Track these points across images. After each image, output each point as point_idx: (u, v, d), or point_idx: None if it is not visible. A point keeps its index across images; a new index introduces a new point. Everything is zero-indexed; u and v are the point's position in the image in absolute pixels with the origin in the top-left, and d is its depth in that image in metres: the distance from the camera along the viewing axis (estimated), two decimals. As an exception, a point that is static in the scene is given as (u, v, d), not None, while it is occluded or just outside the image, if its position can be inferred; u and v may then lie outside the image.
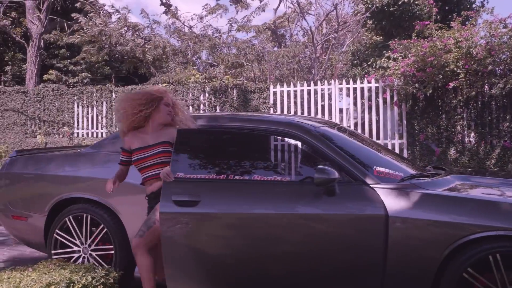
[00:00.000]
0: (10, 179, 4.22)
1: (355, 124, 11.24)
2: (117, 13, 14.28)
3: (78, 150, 4.21)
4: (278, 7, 17.41)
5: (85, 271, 2.80)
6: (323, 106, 11.08)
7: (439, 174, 3.62)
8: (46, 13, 16.54)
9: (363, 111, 11.92)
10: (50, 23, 16.61)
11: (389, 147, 9.80)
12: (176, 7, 15.60)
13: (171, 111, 3.43)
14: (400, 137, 9.86)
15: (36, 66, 16.48)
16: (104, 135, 12.79)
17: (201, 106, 12.34)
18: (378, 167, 3.26)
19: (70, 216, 3.85)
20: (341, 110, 11.45)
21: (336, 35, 17.96)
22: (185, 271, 3.15)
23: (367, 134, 11.08)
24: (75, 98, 13.45)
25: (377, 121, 10.33)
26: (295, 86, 11.67)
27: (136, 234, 3.19)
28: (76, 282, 2.61)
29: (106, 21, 13.64)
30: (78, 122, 13.35)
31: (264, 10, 14.36)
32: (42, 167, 4.12)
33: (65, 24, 16.33)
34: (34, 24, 16.39)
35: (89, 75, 19.13)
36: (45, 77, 16.25)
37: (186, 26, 15.19)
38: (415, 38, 9.27)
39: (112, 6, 14.83)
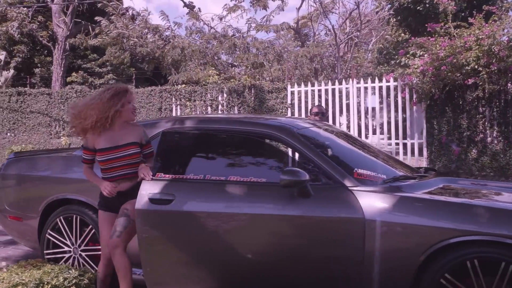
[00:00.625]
0: (7, 180, 4.33)
1: (373, 124, 11.05)
2: (139, 15, 14.47)
3: (74, 152, 4.26)
4: (301, 7, 17.38)
5: (59, 271, 2.83)
6: (342, 105, 10.94)
7: (425, 176, 3.52)
8: (71, 17, 16.92)
9: (381, 111, 11.73)
10: (75, 26, 16.98)
11: (408, 146, 9.62)
12: (199, 8, 15.74)
13: (135, 109, 3.48)
14: (420, 137, 9.66)
15: (62, 68, 16.88)
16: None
17: (219, 107, 12.38)
18: (359, 170, 3.19)
19: (61, 217, 3.92)
20: (359, 110, 11.30)
21: (358, 33, 17.77)
22: (162, 266, 3.20)
23: (385, 134, 10.91)
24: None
25: (396, 121, 10.17)
26: (312, 85, 11.58)
27: (112, 235, 3.20)
28: (46, 283, 2.65)
29: (126, 23, 13.83)
30: (100, 123, 13.56)
31: (283, 9, 14.28)
32: (37, 168, 4.21)
33: (89, 27, 16.67)
34: (59, 28, 16.80)
35: (114, 77, 19.49)
36: (68, 79, 16.58)
37: (207, 25, 15.28)
38: (433, 36, 9.05)
39: (133, 9, 14.98)
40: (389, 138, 10.79)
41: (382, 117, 11.80)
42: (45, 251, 3.99)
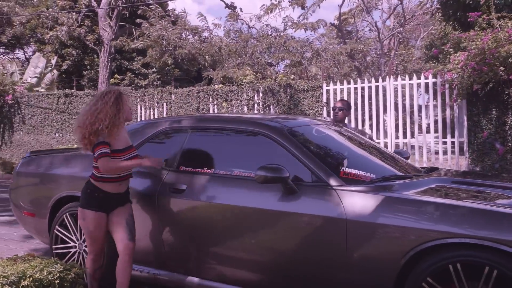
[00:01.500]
0: (21, 178, 4.54)
1: (412, 122, 10.72)
2: (179, 18, 14.75)
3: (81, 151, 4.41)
4: (343, 4, 17.08)
5: (45, 265, 2.93)
6: (382, 104, 10.69)
7: (420, 176, 3.38)
8: (116, 20, 17.44)
9: (420, 109, 11.38)
10: (120, 30, 17.49)
11: (448, 145, 9.29)
12: (240, 9, 15.83)
13: (131, 107, 3.55)
14: (460, 135, 9.29)
15: (107, 71, 17.42)
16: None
17: (255, 106, 12.41)
18: (346, 169, 3.11)
19: (67, 214, 4.05)
20: (396, 107, 11.02)
21: (402, 29, 17.29)
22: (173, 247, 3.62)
23: (424, 132, 10.56)
24: (138, 100, 14.08)
25: (435, 119, 9.83)
26: (348, 83, 11.39)
27: (129, 238, 3.35)
28: (28, 276, 2.75)
29: (165, 25, 14.11)
30: (140, 123, 13.93)
31: (319, 6, 14.12)
32: (47, 167, 4.38)
33: (133, 29, 17.14)
34: (105, 31, 17.35)
35: (159, 77, 19.95)
36: (111, 81, 17.12)
37: (247, 24, 15.35)
38: (474, 30, 8.65)
39: (174, 11, 15.27)
40: (433, 137, 10.46)
41: (421, 115, 11.46)
42: (53, 246, 4.15)
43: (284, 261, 3.08)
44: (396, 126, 10.54)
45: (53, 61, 18.67)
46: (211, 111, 12.85)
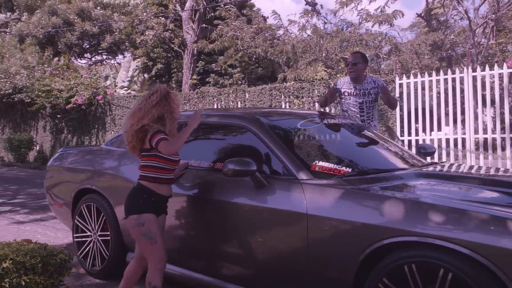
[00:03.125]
0: (52, 171, 4.89)
1: (494, 116, 9.88)
2: (254, 18, 14.93)
3: (102, 145, 4.65)
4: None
5: (30, 250, 3.13)
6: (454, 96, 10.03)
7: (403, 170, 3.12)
8: (198, 23, 18.10)
9: (502, 101, 10.44)
10: (202, 32, 18.11)
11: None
12: (321, 6, 15.68)
13: (179, 105, 3.21)
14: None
15: (191, 72, 18.16)
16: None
17: (327, 102, 12.20)
18: (319, 162, 2.96)
19: (84, 205, 4.30)
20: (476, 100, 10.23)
21: (495, 16, 15.92)
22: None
23: (507, 128, 9.68)
24: (215, 99, 14.47)
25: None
26: (422, 76, 10.78)
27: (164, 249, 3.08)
28: (9, 259, 2.96)
29: (240, 25, 14.34)
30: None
31: (395, -2, 13.48)
32: (71, 161, 4.68)
33: (214, 31, 17.67)
34: (188, 34, 18.10)
35: (243, 76, 20.30)
36: (189, 81, 17.75)
37: (324, 19, 15.12)
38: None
39: (249, 10, 15.46)
40: None
41: (504, 108, 10.50)
42: (74, 235, 4.42)
43: (252, 254, 3.02)
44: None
45: (140, 65, 19.79)
46: (283, 107, 12.86)
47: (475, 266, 2.17)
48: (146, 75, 20.20)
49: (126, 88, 19.02)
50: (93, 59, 28.30)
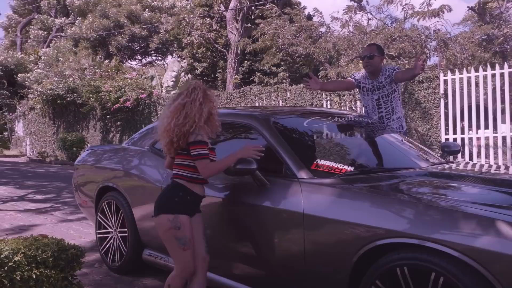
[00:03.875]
0: (78, 169, 5.04)
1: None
2: (296, 14, 14.81)
3: (123, 144, 4.75)
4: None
5: (43, 245, 3.23)
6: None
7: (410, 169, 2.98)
8: (242, 23, 18.19)
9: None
10: (246, 31, 18.17)
11: None
12: (367, 1, 15.38)
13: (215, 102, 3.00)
14: None
15: (234, 71, 18.27)
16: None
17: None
18: (321, 161, 2.89)
19: (105, 202, 4.40)
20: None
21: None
22: None
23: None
24: (256, 98, 14.49)
25: None
26: (468, 72, 10.36)
27: (206, 250, 2.99)
28: (20, 252, 3.06)
29: (281, 24, 14.26)
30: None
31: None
32: (95, 159, 4.81)
33: (255, 30, 17.68)
34: (232, 34, 18.21)
35: (288, 75, 20.26)
36: (233, 81, 17.84)
37: (366, 17, 14.82)
38: None
39: (292, 8, 15.36)
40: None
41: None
42: (97, 231, 4.54)
43: (253, 253, 3.00)
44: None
45: (184, 65, 20.11)
46: (324, 106, 12.70)
47: (466, 270, 2.05)
48: (190, 75, 20.51)
49: (171, 88, 19.38)
50: (143, 60, 29.05)
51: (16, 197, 8.84)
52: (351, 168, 2.91)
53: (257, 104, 14.41)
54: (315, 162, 2.92)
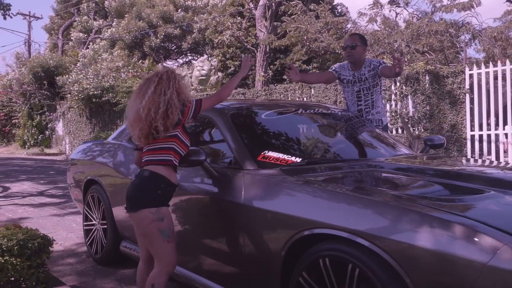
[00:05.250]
0: (71, 164, 5.17)
1: None
2: (321, 10, 14.67)
3: (108, 139, 4.85)
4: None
5: (11, 234, 3.34)
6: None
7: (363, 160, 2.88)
8: (270, 20, 18.15)
9: None
10: (274, 29, 18.13)
11: None
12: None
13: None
14: None
15: (263, 69, 18.26)
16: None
17: (392, 96, 11.67)
18: (268, 152, 2.85)
19: (89, 195, 4.50)
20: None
21: None
22: None
23: None
24: (281, 95, 14.44)
25: None
26: (494, 66, 9.96)
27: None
28: (-15, 241, 3.19)
29: (306, 20, 14.16)
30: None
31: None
32: (85, 154, 4.93)
33: (280, 27, 17.62)
34: (261, 32, 18.20)
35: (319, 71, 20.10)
36: (261, 78, 17.82)
37: (394, 11, 14.52)
38: None
39: (318, 5, 15.17)
40: None
41: None
42: (84, 223, 4.66)
43: (204, 243, 3.02)
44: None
45: (214, 63, 20.25)
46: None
47: (380, 262, 1.97)
48: (220, 74, 20.65)
49: (200, 87, 19.56)
50: (179, 60, 29.48)
51: (36, 192, 9.18)
52: (298, 160, 2.85)
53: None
54: (262, 153, 2.88)
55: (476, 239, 1.78)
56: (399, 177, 2.57)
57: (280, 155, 2.85)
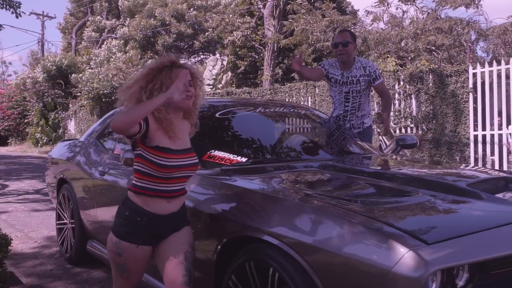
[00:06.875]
0: (48, 162, 5.17)
1: None
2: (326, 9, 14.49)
3: (80, 138, 4.84)
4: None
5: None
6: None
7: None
8: (278, 19, 18.05)
9: None
10: (282, 28, 18.02)
11: None
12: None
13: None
14: None
15: (271, 68, 18.18)
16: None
17: (396, 96, 11.49)
18: (214, 152, 2.79)
19: (61, 194, 4.50)
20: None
21: None
22: None
23: None
24: (286, 95, 14.35)
25: None
26: (498, 64, 9.73)
27: (184, 280, 2.21)
28: None
29: (311, 19, 14.01)
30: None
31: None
32: (59, 153, 4.94)
33: (285, 26, 17.49)
34: (269, 31, 18.11)
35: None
36: (268, 78, 17.75)
37: (401, 9, 14.30)
38: None
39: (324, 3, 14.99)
40: None
41: None
42: (56, 222, 4.66)
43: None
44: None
45: (225, 63, 20.25)
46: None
47: (296, 266, 1.89)
48: (229, 73, 20.64)
49: (211, 87, 19.56)
50: (191, 59, 29.56)
51: (32, 190, 9.26)
52: (243, 159, 2.78)
53: (287, 100, 14.28)
54: (208, 153, 2.82)
55: (383, 244, 1.69)
56: (331, 178, 2.49)
57: (226, 155, 2.79)
